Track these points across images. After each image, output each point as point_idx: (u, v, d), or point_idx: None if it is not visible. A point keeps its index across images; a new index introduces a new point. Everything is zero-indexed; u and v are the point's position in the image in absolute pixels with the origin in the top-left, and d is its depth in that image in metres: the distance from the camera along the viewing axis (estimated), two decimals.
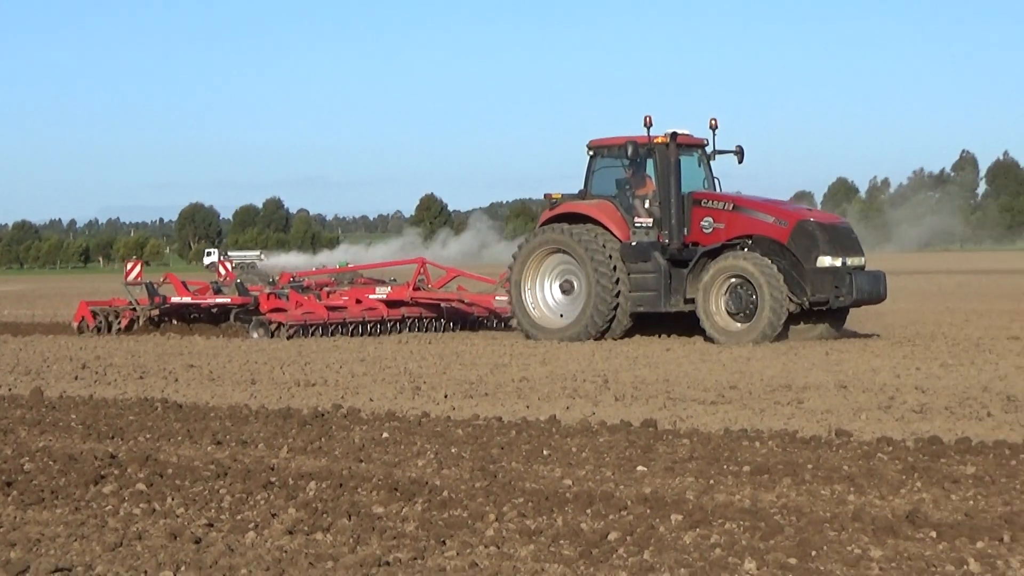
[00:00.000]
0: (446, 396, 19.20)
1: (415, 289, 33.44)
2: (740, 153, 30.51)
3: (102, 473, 12.81)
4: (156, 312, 34.08)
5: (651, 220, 28.91)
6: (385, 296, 33.47)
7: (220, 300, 33.81)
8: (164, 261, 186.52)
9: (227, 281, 35.37)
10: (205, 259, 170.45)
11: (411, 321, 33.38)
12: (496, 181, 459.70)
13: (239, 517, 10.90)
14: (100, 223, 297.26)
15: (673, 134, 28.69)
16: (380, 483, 12.13)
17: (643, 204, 29.09)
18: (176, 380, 21.90)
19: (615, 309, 28.65)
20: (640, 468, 12.87)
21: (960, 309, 39.64)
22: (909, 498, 11.27)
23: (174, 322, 34.31)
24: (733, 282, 27.42)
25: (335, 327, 31.64)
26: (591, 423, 15.87)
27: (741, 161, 30.62)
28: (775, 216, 28.03)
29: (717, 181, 30.14)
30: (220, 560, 9.34)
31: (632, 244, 28.75)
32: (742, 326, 27.25)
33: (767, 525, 10.14)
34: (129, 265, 36.32)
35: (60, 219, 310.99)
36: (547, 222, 30.01)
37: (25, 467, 13.30)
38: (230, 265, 39.29)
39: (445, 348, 27.57)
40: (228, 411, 17.66)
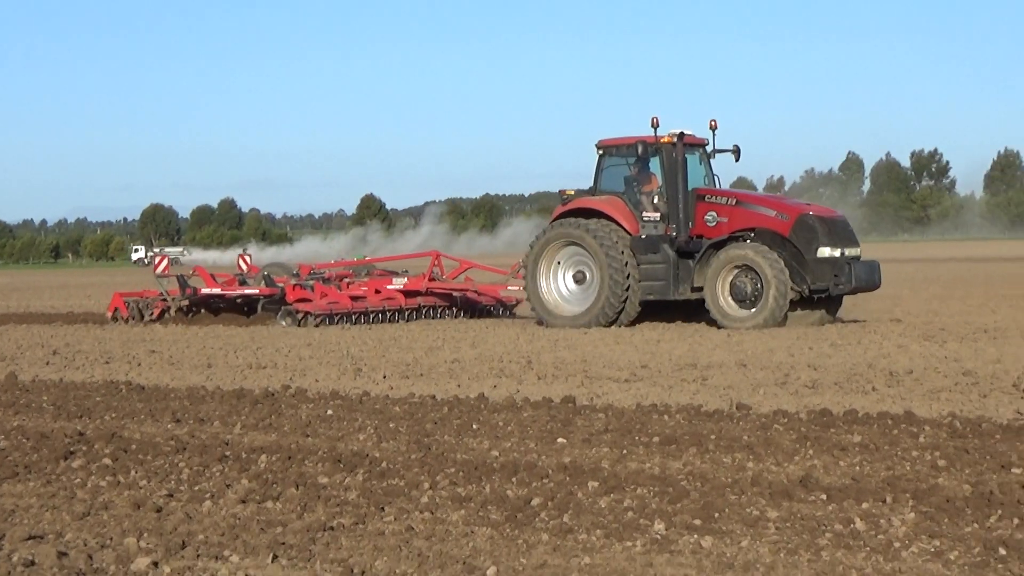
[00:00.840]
0: (384, 376, 19.15)
1: (430, 280, 32.81)
2: (737, 152, 29.74)
3: (71, 449, 12.73)
4: (186, 303, 33.35)
5: (658, 215, 28.42)
6: (402, 286, 32.84)
7: (248, 291, 32.83)
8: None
9: (250, 274, 34.62)
10: (132, 255, 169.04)
11: (426, 310, 32.87)
12: (430, 182, 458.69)
13: (196, 488, 10.85)
14: (69, 222, 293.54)
15: (680, 134, 28.18)
16: (325, 456, 12.11)
17: (650, 200, 28.58)
18: (139, 364, 21.74)
19: (626, 298, 28.16)
20: (560, 440, 12.88)
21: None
22: (802, 464, 11.33)
23: (202, 312, 33.53)
24: (738, 271, 26.98)
25: (358, 316, 31.13)
26: (516, 400, 15.87)
27: (738, 159, 29.96)
28: (777, 210, 27.56)
29: (717, 178, 29.63)
30: (179, 527, 9.31)
31: (642, 237, 28.23)
32: (747, 312, 26.82)
33: (675, 490, 10.18)
34: (157, 259, 35.47)
35: (32, 219, 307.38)
36: (560, 216, 29.41)
37: (0, 444, 13.21)
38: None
39: (384, 333, 27.47)
40: (187, 392, 17.55)
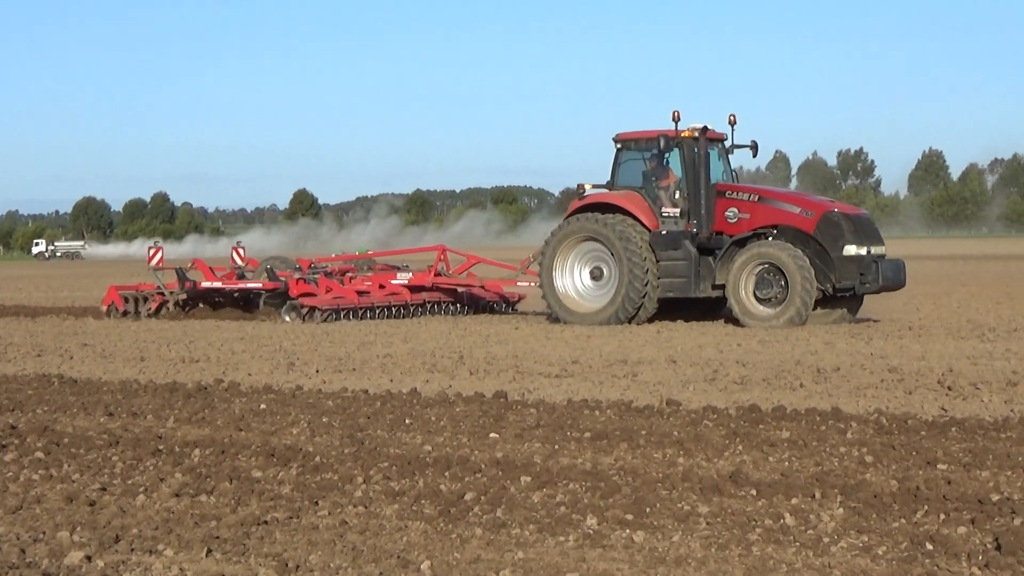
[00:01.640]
0: (317, 371, 19.08)
1: (436, 275, 32.01)
2: (755, 148, 29.22)
3: (3, 443, 12.59)
4: (184, 296, 32.22)
5: (677, 210, 27.66)
6: (407, 281, 32.06)
7: (251, 285, 31.71)
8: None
9: (248, 267, 33.38)
10: (33, 248, 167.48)
11: (431, 305, 31.97)
12: (363, 178, 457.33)
13: (130, 481, 10.75)
14: (0, 215, 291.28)
15: (703, 128, 27.58)
16: (258, 450, 12.04)
17: (668, 195, 27.85)
18: (71, 358, 21.53)
19: (645, 295, 27.34)
20: (493, 435, 12.88)
21: None
22: (732, 460, 11.38)
23: (200, 306, 32.50)
24: (762, 269, 26.32)
25: (363, 311, 30.35)
26: (448, 395, 15.86)
27: (755, 155, 29.51)
28: (801, 207, 26.88)
29: (735, 174, 29.20)
30: (113, 521, 9.22)
31: (663, 233, 27.42)
32: (771, 311, 26.15)
33: (606, 485, 10.19)
34: (151, 251, 33.51)
35: None
36: (576, 211, 28.51)
37: None
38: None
39: (316, 328, 27.35)
40: (119, 385, 17.41)
